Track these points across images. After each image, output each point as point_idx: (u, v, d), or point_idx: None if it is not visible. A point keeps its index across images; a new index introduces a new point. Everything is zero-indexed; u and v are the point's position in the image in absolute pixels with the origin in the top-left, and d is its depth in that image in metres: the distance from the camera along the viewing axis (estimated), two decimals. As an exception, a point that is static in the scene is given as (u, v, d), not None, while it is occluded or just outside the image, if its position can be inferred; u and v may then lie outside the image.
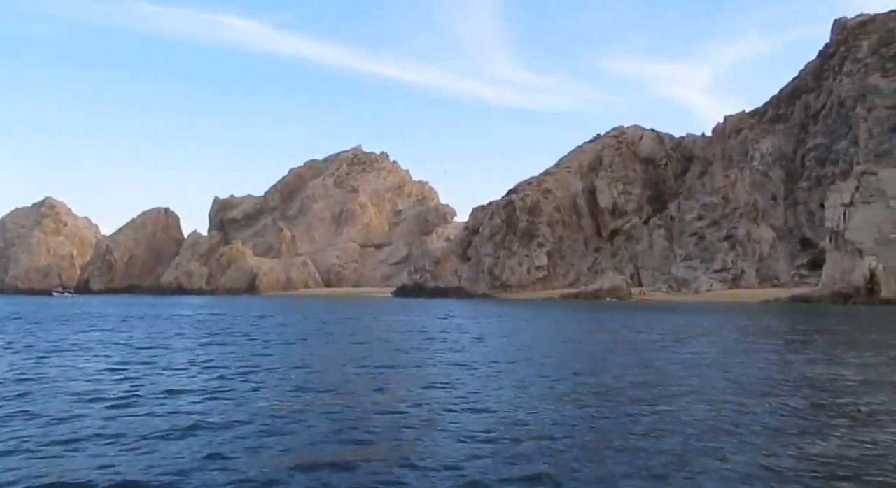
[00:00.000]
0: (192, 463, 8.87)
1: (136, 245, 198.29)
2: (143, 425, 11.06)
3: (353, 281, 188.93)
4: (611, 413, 12.26)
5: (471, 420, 11.61)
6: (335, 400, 13.56)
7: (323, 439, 10.27)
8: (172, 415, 11.87)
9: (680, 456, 9.28)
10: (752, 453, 9.43)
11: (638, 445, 9.85)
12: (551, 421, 11.58)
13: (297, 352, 23.92)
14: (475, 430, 10.80)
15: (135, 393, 14.09)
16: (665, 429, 10.86)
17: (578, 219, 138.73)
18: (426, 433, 10.69)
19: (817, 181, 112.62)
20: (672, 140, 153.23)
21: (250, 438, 10.26)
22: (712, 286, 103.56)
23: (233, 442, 9.98)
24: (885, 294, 77.72)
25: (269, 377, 16.84)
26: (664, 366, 19.16)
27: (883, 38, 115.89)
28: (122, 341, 27.56)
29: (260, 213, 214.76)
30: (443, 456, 9.30)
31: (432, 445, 9.94)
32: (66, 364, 19.43)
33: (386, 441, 10.19)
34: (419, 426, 11.18)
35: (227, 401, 13.34)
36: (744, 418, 11.76)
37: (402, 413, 12.22)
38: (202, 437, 10.28)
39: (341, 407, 12.75)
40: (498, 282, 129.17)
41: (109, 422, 11.23)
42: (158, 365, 19.28)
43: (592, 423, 11.44)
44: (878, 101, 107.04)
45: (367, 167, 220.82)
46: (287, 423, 11.32)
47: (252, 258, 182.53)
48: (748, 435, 10.54)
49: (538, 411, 12.44)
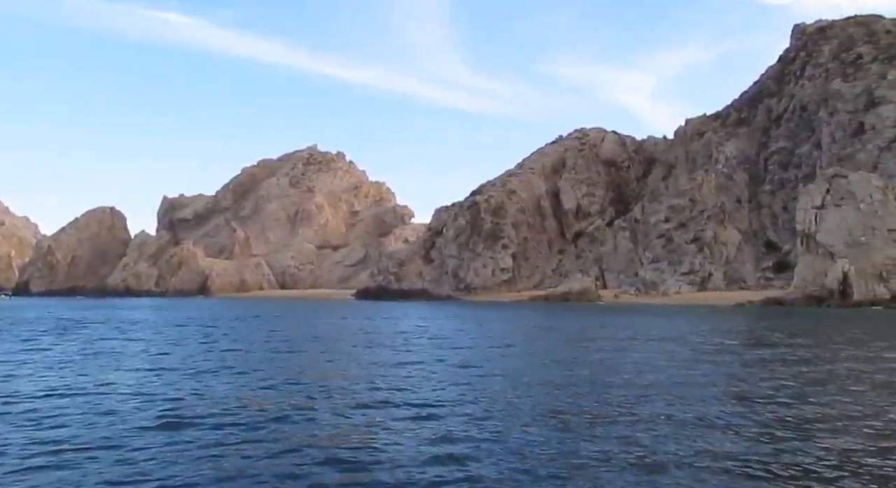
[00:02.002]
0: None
1: (80, 245, 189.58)
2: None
3: (309, 283, 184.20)
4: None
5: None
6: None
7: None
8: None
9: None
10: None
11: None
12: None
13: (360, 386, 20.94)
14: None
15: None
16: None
17: (542, 220, 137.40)
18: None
19: (780, 184, 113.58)
20: (633, 142, 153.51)
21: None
22: (680, 288, 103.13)
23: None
24: (856, 297, 78.04)
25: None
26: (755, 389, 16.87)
27: (843, 43, 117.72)
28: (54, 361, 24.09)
29: (211, 213, 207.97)
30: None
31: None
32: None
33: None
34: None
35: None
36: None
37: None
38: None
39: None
40: (462, 284, 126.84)
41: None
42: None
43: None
44: (840, 106, 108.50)
45: (322, 167, 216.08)
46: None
47: (204, 259, 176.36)
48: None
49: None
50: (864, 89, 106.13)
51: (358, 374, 17.99)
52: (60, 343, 27.81)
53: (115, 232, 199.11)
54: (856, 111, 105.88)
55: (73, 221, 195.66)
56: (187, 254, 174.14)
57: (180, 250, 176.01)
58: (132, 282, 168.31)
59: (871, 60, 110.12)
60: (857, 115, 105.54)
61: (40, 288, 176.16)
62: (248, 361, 21.23)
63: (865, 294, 78.35)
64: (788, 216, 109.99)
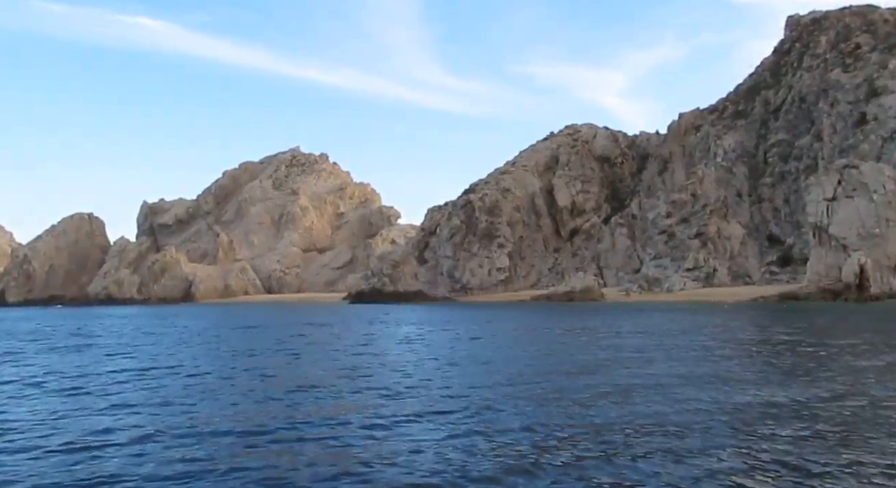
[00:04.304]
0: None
1: (58, 253, 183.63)
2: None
3: (295, 287, 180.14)
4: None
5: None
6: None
7: None
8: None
9: None
10: None
11: None
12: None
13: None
14: None
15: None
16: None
17: (537, 218, 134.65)
18: None
19: (781, 177, 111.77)
20: (626, 138, 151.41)
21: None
22: (685, 285, 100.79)
23: None
24: (873, 290, 76.06)
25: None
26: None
27: (840, 33, 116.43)
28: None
29: (193, 218, 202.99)
30: None
31: None
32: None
33: None
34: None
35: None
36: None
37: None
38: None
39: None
40: (458, 284, 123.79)
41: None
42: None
43: None
44: (840, 97, 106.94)
45: (306, 169, 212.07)
46: None
47: (187, 265, 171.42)
48: None
49: None
50: (865, 79, 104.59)
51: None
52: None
53: (94, 238, 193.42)
54: (857, 101, 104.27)
55: (50, 228, 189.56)
56: (170, 259, 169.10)
57: (163, 256, 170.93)
58: (114, 289, 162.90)
59: (871, 50, 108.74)
60: (858, 106, 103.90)
61: (17, 298, 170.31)
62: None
63: (881, 287, 76.45)
64: (790, 209, 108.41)
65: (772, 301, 79.06)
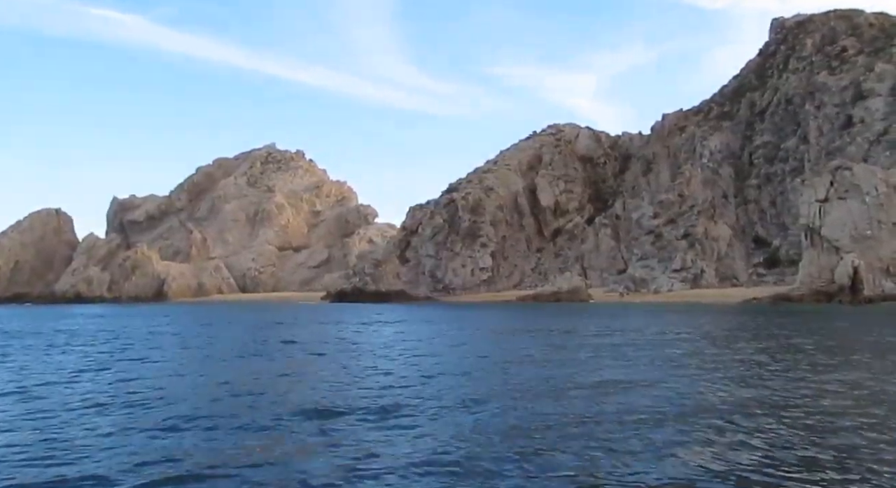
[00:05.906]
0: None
1: (23, 249, 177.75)
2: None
3: (270, 286, 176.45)
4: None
5: None
6: None
7: None
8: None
9: None
10: None
11: None
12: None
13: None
14: None
15: None
16: None
17: (520, 218, 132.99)
18: None
19: (767, 179, 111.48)
20: (608, 138, 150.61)
21: None
22: (673, 286, 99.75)
23: None
24: (866, 292, 75.46)
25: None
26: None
27: (825, 36, 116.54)
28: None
29: (165, 214, 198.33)
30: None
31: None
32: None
33: None
34: None
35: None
36: None
37: None
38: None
39: None
40: (440, 284, 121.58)
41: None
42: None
43: None
44: (827, 99, 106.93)
45: (282, 166, 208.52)
46: None
47: (159, 263, 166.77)
48: None
49: None
50: (851, 82, 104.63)
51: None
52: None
53: (62, 235, 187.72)
54: (843, 104, 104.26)
55: (15, 224, 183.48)
56: (142, 257, 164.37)
57: (134, 253, 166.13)
58: (83, 287, 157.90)
59: (857, 53, 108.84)
60: (844, 108, 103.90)
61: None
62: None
63: (874, 289, 75.89)
64: (776, 210, 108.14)
65: (765, 303, 78.13)
